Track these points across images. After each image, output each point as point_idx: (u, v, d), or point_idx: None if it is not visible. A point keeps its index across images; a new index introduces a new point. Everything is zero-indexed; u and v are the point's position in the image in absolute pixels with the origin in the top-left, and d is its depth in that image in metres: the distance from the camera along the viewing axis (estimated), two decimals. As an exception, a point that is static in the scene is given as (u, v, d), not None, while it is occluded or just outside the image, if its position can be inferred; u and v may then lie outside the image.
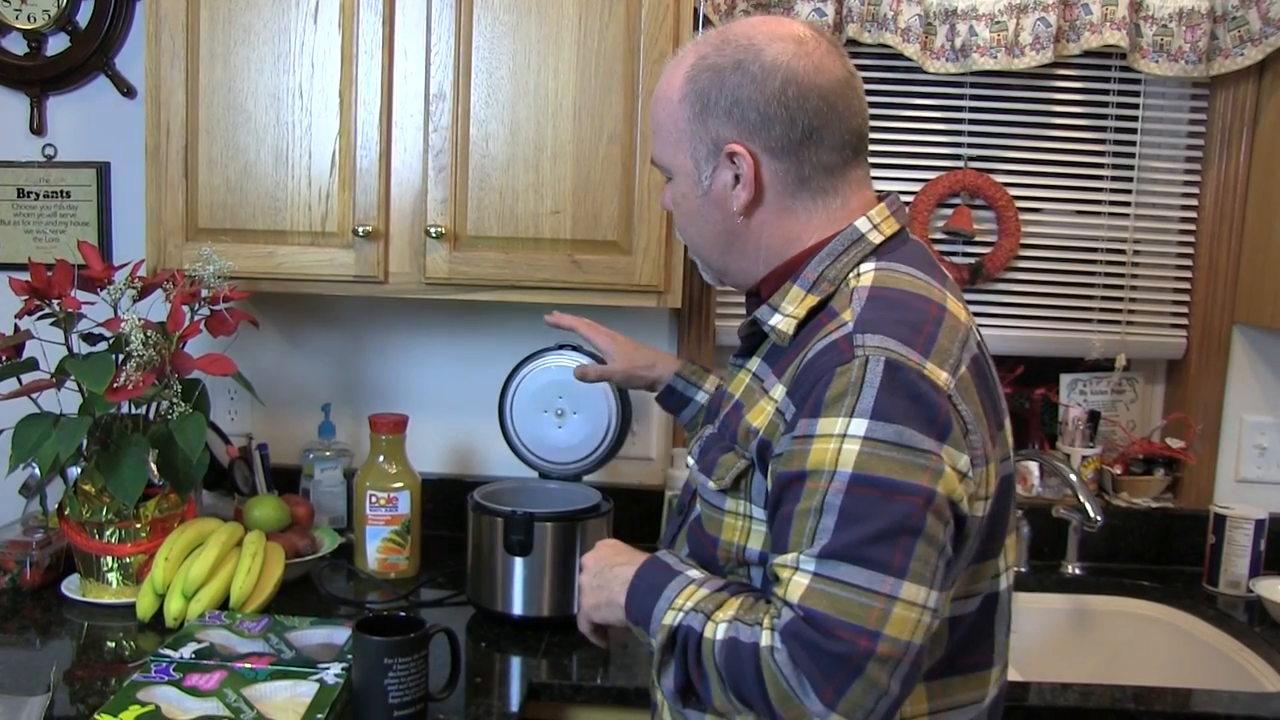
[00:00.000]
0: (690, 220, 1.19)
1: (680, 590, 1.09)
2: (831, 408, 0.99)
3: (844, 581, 0.95)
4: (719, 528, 1.14)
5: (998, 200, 2.09)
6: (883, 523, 0.95)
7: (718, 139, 1.12)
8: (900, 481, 0.96)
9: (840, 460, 0.97)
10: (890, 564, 0.95)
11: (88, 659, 1.55)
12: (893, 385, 0.99)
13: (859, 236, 1.13)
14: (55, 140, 2.16)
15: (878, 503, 0.96)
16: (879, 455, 0.97)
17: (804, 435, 1.01)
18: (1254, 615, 1.92)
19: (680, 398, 1.63)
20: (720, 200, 1.15)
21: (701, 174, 1.15)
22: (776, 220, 1.15)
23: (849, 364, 1.00)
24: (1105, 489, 2.17)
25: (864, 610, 0.94)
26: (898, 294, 1.08)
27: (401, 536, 1.90)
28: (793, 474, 1.01)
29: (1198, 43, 1.94)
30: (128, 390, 1.60)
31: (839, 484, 0.97)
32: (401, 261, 1.83)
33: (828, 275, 1.11)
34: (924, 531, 0.96)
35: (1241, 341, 2.13)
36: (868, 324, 1.03)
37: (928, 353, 1.02)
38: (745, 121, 1.11)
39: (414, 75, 1.79)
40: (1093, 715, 1.55)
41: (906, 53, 2.00)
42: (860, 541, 0.95)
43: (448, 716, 1.41)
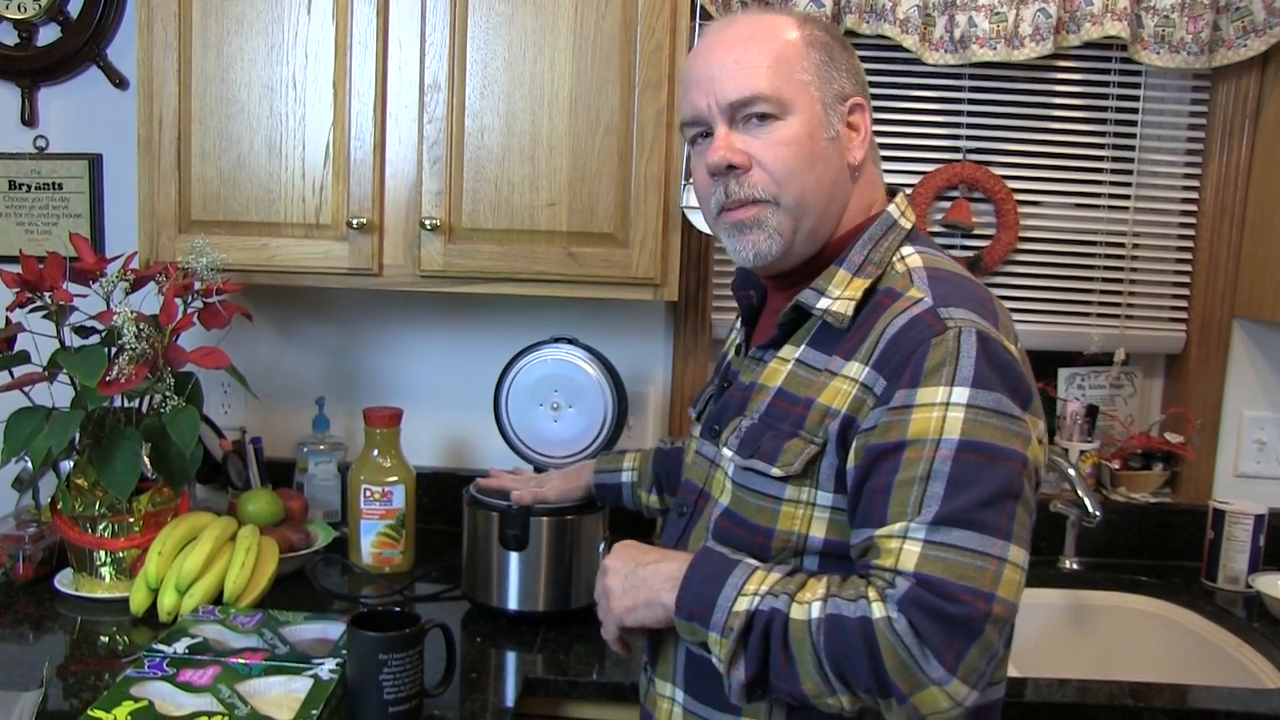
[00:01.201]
0: (810, 163, 1.14)
1: (747, 576, 1.06)
2: (931, 377, 1.02)
3: (959, 546, 0.97)
4: (773, 518, 1.11)
5: (996, 193, 2.08)
6: (991, 487, 0.98)
7: (843, 91, 1.15)
8: (1002, 447, 1.00)
9: (946, 427, 1.00)
10: (999, 527, 0.98)
11: (81, 654, 1.54)
12: (987, 355, 1.02)
13: (893, 222, 1.17)
14: (47, 131, 2.14)
15: (984, 468, 0.99)
16: (982, 421, 1.00)
17: (903, 405, 1.02)
18: (1253, 611, 1.92)
19: (610, 489, 1.68)
20: (842, 150, 1.16)
21: (830, 119, 1.15)
22: (863, 184, 1.19)
23: (943, 335, 1.03)
24: (1103, 484, 2.16)
25: (979, 573, 0.96)
26: (952, 274, 1.12)
27: (396, 530, 1.89)
28: (890, 444, 1.02)
29: (1200, 34, 1.92)
30: (120, 383, 1.59)
31: (946, 450, 0.99)
32: (396, 254, 1.81)
33: (873, 259, 1.14)
34: (1022, 495, 1.00)
35: (1241, 336, 2.12)
36: (947, 299, 1.06)
37: (998, 327, 1.07)
38: (858, 81, 1.17)
39: (408, 66, 1.77)
40: (1090, 711, 1.54)
41: (905, 44, 1.99)
42: (972, 506, 0.98)
43: (443, 712, 1.40)
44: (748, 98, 1.13)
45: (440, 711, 1.40)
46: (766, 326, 1.25)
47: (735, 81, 1.13)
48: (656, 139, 1.75)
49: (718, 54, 1.15)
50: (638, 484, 1.65)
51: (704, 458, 1.25)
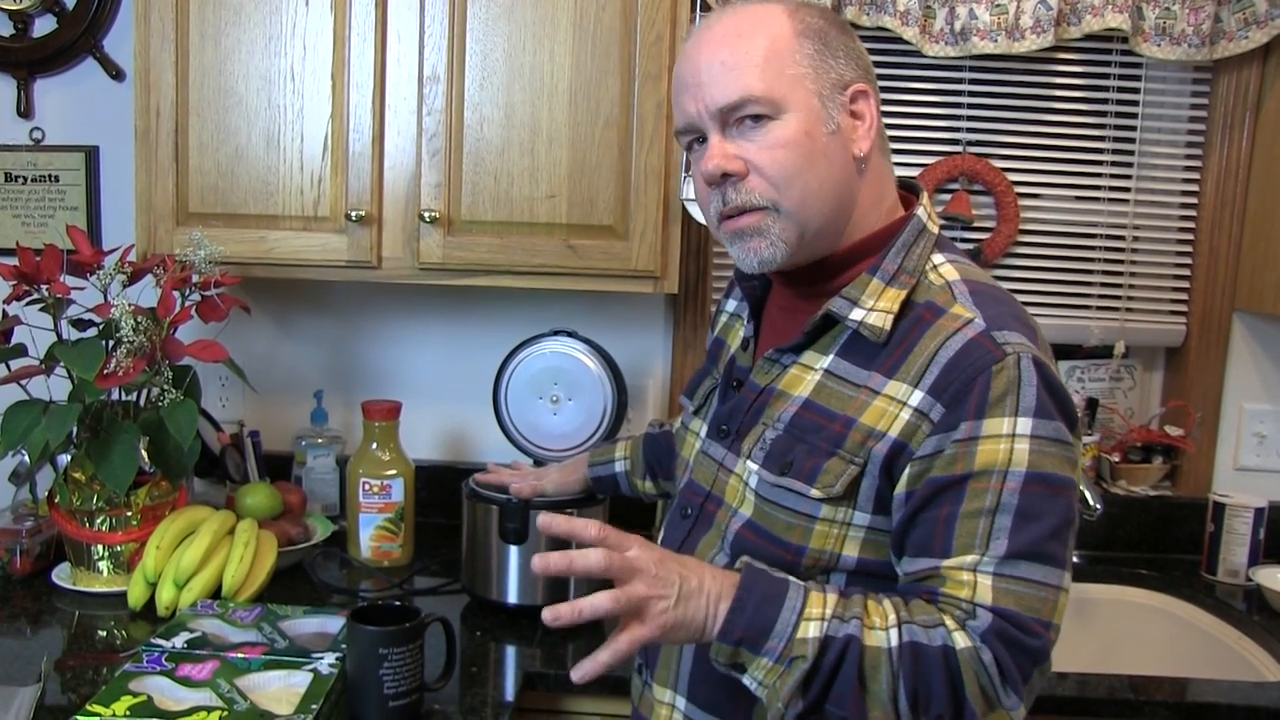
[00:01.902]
0: (810, 163, 1.09)
1: (805, 598, 1.00)
2: (996, 407, 1.00)
3: (1027, 579, 0.98)
4: (806, 536, 1.08)
5: (997, 185, 2.08)
6: (1055, 519, 1.00)
7: (842, 79, 1.11)
8: (1062, 476, 1.01)
9: (1014, 460, 0.99)
10: (1060, 558, 1.00)
11: (79, 648, 1.54)
12: (1044, 382, 1.02)
13: (923, 227, 1.14)
14: (43, 123, 2.13)
15: (1048, 499, 1.00)
16: (1046, 452, 1.00)
17: (969, 437, 1.01)
18: (1253, 604, 1.92)
19: (606, 480, 1.68)
20: (845, 143, 1.11)
21: (830, 111, 1.10)
22: (873, 177, 1.14)
23: (1003, 363, 1.01)
24: (1103, 477, 2.16)
25: (1044, 604, 0.99)
26: (991, 289, 1.10)
27: (395, 524, 1.89)
28: (955, 476, 1.01)
29: (1201, 25, 1.92)
30: (118, 377, 1.59)
31: (1014, 483, 0.99)
32: (395, 246, 1.81)
33: (906, 267, 1.11)
34: (1074, 521, 1.03)
35: (1241, 329, 2.11)
36: (998, 321, 1.04)
37: (1038, 344, 1.06)
38: (860, 65, 1.12)
39: (407, 57, 1.76)
40: (1090, 705, 1.54)
41: (905, 36, 1.98)
42: (1039, 539, 0.99)
43: (443, 706, 1.39)
44: (737, 101, 1.08)
45: (440, 706, 1.39)
46: (777, 324, 1.21)
47: (724, 85, 1.08)
48: (657, 131, 1.74)
49: (704, 55, 1.10)
50: (631, 472, 1.65)
51: (712, 459, 1.22)
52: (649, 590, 0.98)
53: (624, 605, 0.98)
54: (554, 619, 0.99)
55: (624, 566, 0.99)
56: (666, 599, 0.98)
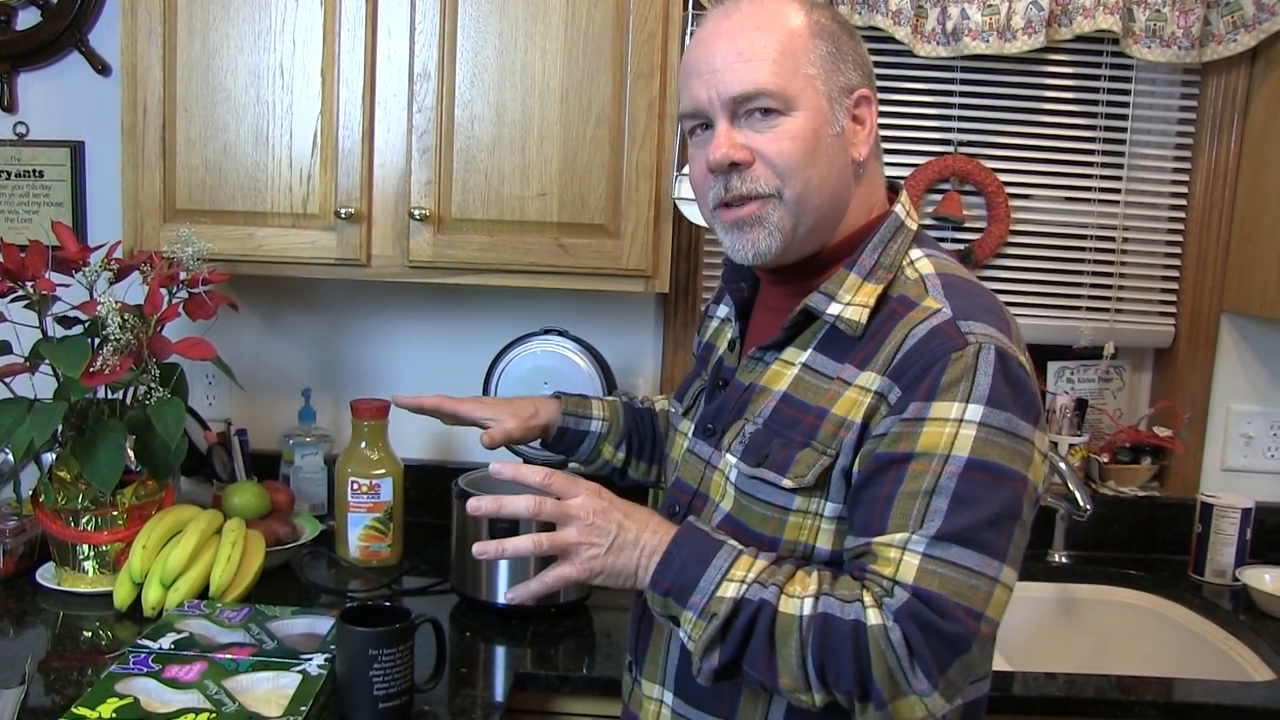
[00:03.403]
0: (813, 160, 1.10)
1: (733, 560, 1.04)
2: (947, 392, 1.01)
3: (956, 563, 0.98)
4: (780, 528, 1.10)
5: (987, 186, 2.08)
6: (994, 508, 0.99)
7: (849, 83, 1.12)
8: (1008, 468, 1.00)
9: (957, 444, 1.00)
10: (997, 548, 0.99)
11: (64, 649, 1.52)
12: (1004, 373, 1.02)
13: (900, 223, 1.15)
14: (27, 118, 2.11)
15: (989, 488, 1.00)
16: (992, 441, 1.00)
17: (915, 418, 1.02)
18: (1240, 604, 1.93)
19: (574, 435, 1.54)
20: (846, 146, 1.13)
21: (835, 113, 1.11)
22: (867, 180, 1.16)
23: (963, 350, 1.02)
24: (1092, 477, 2.17)
25: (973, 592, 0.98)
26: (965, 282, 1.11)
27: (384, 524, 1.88)
28: (897, 455, 1.02)
29: (1191, 28, 1.92)
30: (104, 375, 1.57)
31: (954, 467, 0.99)
32: (384, 244, 1.79)
33: (883, 263, 1.12)
34: (1021, 517, 1.01)
35: (1229, 330, 2.12)
36: (965, 311, 1.06)
37: (1013, 339, 1.06)
38: (865, 72, 1.14)
39: (398, 54, 1.75)
40: (1078, 705, 1.55)
41: (897, 35, 1.98)
42: (974, 525, 0.99)
43: (433, 707, 1.39)
44: (751, 92, 1.09)
45: (430, 707, 1.39)
46: (763, 324, 1.22)
47: (739, 75, 1.09)
48: (649, 129, 1.73)
49: (720, 44, 1.11)
50: (605, 436, 1.55)
51: (698, 458, 1.23)
52: (580, 537, 1.08)
53: (546, 549, 1.09)
54: (480, 552, 1.11)
55: (558, 512, 1.09)
56: (598, 546, 1.08)
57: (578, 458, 1.57)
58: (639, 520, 1.10)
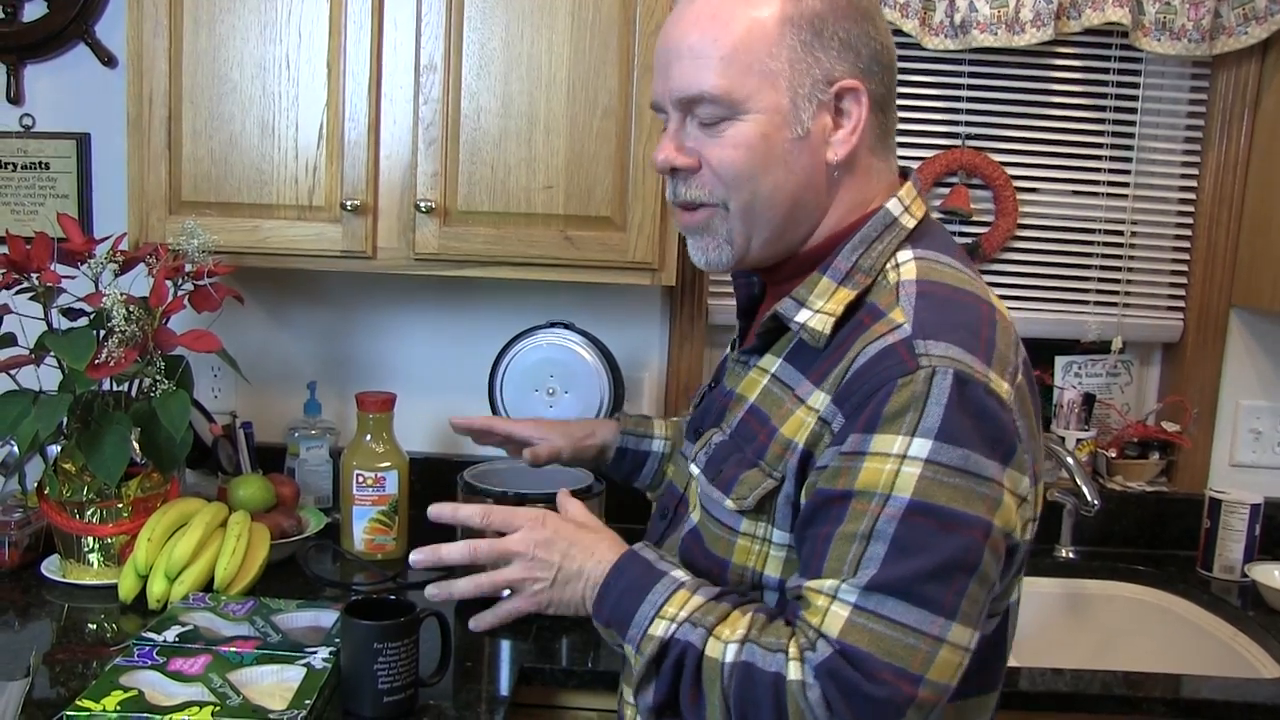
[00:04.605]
0: (764, 168, 1.01)
1: (669, 595, 0.98)
2: (890, 424, 0.90)
3: (890, 619, 0.87)
4: (730, 550, 1.03)
5: (995, 180, 2.07)
6: (939, 557, 0.87)
7: (829, 74, 0.99)
8: (961, 512, 0.88)
9: (898, 484, 0.89)
10: (942, 603, 0.87)
11: (68, 642, 1.52)
12: (961, 403, 0.89)
13: (892, 220, 1.03)
14: (33, 110, 2.11)
15: (935, 534, 0.88)
16: (941, 481, 0.88)
17: (855, 452, 0.91)
18: (1248, 600, 1.92)
19: (634, 456, 1.47)
20: (816, 147, 1.01)
21: (800, 113, 1.00)
22: (855, 181, 1.04)
23: (912, 375, 0.91)
24: (1100, 472, 2.16)
25: (909, 652, 0.87)
26: (948, 290, 0.98)
27: (389, 517, 1.88)
28: (836, 492, 0.92)
29: (1201, 20, 1.91)
30: (109, 367, 1.57)
31: (893, 509, 0.88)
32: (390, 236, 1.79)
33: (862, 265, 1.01)
34: (979, 569, 0.89)
35: (1238, 325, 2.11)
36: (929, 327, 0.93)
37: (990, 361, 0.93)
38: (861, 60, 1.00)
39: (404, 45, 1.75)
40: (1085, 700, 1.54)
41: (905, 28, 1.97)
42: (914, 576, 0.87)
43: (438, 701, 1.38)
44: (694, 96, 1.01)
45: (435, 701, 1.38)
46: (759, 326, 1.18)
47: (686, 74, 1.01)
48: (655, 122, 1.72)
49: (675, 35, 1.03)
50: (669, 456, 1.47)
51: (686, 460, 1.18)
52: (523, 573, 1.07)
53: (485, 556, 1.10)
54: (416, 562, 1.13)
55: (495, 552, 1.09)
56: (542, 580, 1.07)
57: (640, 482, 1.51)
58: (585, 547, 1.07)
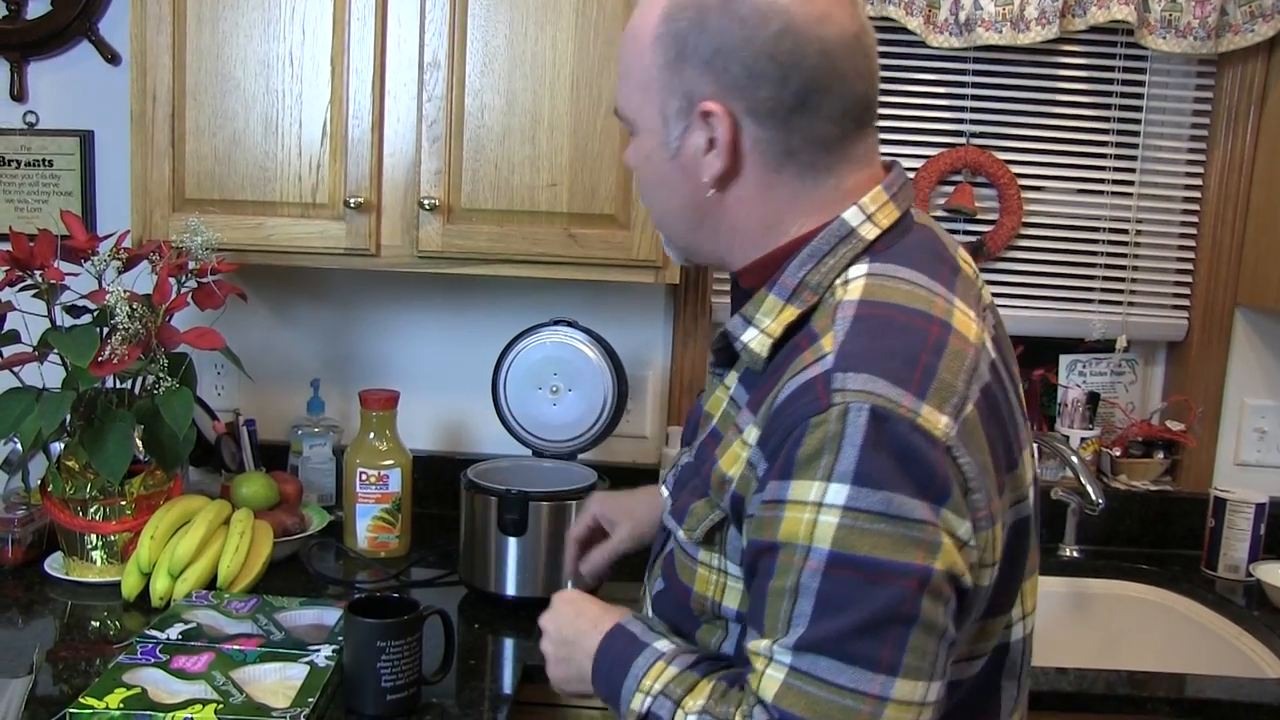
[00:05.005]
0: (654, 186, 1.01)
1: (648, 669, 0.96)
2: (805, 469, 0.83)
3: (824, 680, 0.81)
4: (691, 577, 1.00)
5: (1000, 178, 2.06)
6: (867, 612, 0.80)
7: (692, 94, 0.93)
8: (888, 562, 0.80)
9: (816, 534, 0.82)
10: (879, 660, 0.80)
11: (71, 640, 1.52)
12: (879, 442, 0.81)
13: (848, 231, 0.94)
14: (37, 107, 2.11)
15: (862, 587, 0.81)
16: (862, 529, 0.81)
17: (774, 500, 0.85)
18: (1253, 600, 1.91)
19: None
20: (690, 167, 0.96)
21: (670, 133, 0.96)
22: (755, 198, 0.96)
23: (825, 414, 0.83)
24: (1104, 471, 2.15)
25: (848, 715, 0.80)
26: (890, 312, 0.89)
27: (392, 515, 1.87)
28: (765, 544, 0.86)
29: (1207, 18, 1.90)
30: (113, 364, 1.57)
31: (815, 563, 0.81)
32: (394, 234, 1.79)
33: (810, 282, 0.93)
34: (919, 619, 0.81)
35: (1244, 324, 2.11)
36: (850, 359, 0.85)
37: (924, 393, 0.84)
38: (727, 75, 0.92)
39: (408, 42, 1.74)
40: (1089, 700, 1.54)
41: (910, 26, 1.97)
42: (842, 634, 0.81)
43: (441, 699, 1.38)
44: (616, 109, 1.04)
45: (438, 699, 1.38)
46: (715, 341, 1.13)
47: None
48: (659, 120, 1.72)
49: None
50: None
51: None
52: (545, 647, 1.12)
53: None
54: None
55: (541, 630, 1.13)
56: (551, 658, 1.10)
57: None
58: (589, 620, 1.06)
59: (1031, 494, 0.96)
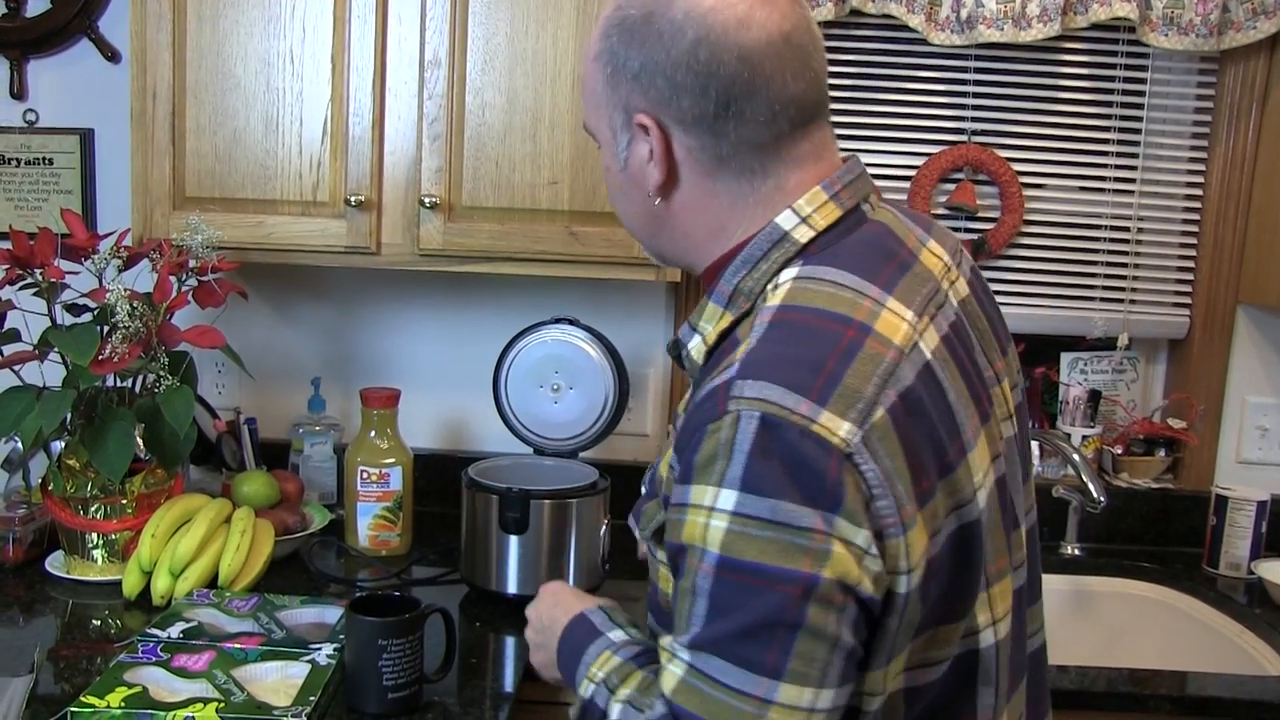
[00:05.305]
0: (615, 197, 1.05)
1: (596, 657, 1.01)
2: (701, 474, 0.85)
3: (715, 680, 0.83)
4: (656, 574, 1.02)
5: (1001, 176, 2.06)
6: (752, 616, 0.82)
7: (629, 107, 0.97)
8: (772, 568, 0.81)
9: (708, 538, 0.84)
10: (764, 663, 0.82)
11: (72, 638, 1.52)
12: (767, 449, 0.82)
13: (781, 236, 0.95)
14: (37, 105, 2.10)
15: (746, 591, 0.83)
16: (749, 535, 0.82)
17: (679, 504, 0.87)
18: (1254, 597, 1.91)
19: None
20: (637, 178, 0.99)
21: (619, 146, 1.00)
22: (698, 205, 0.98)
23: (720, 421, 0.84)
24: (1105, 469, 2.15)
25: (735, 715, 0.82)
26: (806, 317, 0.89)
27: (393, 513, 1.87)
28: (675, 545, 0.88)
29: (1209, 15, 1.90)
30: (113, 362, 1.57)
31: (708, 565, 0.84)
32: (394, 232, 1.79)
33: (743, 289, 0.95)
34: (804, 625, 0.81)
35: (1245, 322, 2.10)
36: (751, 367, 0.86)
37: (825, 400, 0.83)
38: (654, 89, 0.94)
39: (408, 40, 1.74)
40: (1091, 698, 1.54)
41: (911, 23, 1.96)
42: (730, 636, 0.83)
43: (442, 698, 1.38)
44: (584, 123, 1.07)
45: (439, 697, 1.38)
46: None
47: None
48: (660, 117, 1.72)
49: None
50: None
51: None
52: (528, 635, 1.20)
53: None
54: None
55: None
56: (532, 643, 1.18)
57: None
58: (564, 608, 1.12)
59: (982, 498, 0.93)
